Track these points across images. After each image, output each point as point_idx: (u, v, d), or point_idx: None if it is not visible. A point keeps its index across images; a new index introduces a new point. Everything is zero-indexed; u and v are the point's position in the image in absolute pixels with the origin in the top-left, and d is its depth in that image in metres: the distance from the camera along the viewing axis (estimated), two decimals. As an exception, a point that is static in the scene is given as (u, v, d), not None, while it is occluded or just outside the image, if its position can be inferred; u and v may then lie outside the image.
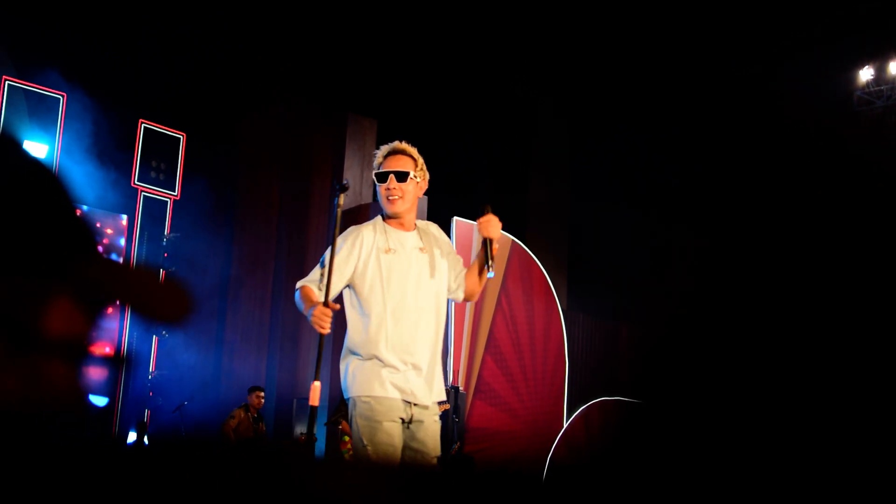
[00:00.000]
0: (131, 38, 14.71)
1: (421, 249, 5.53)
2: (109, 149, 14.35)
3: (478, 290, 5.70)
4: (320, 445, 12.26)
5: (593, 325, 17.80)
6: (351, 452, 10.62)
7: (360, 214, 15.95)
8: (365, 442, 5.11)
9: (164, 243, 15.08)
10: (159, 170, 15.43)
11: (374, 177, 5.49)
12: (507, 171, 17.86)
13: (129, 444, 12.83)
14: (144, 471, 1.53)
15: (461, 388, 13.31)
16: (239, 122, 16.75)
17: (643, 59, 15.78)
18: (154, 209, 15.36)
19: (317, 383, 5.83)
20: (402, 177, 5.45)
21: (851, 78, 17.41)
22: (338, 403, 11.02)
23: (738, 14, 14.72)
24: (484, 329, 14.42)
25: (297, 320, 16.17)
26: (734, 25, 14.92)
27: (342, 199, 5.94)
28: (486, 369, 14.34)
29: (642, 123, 16.77)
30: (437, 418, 5.36)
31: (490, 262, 5.39)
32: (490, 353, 14.41)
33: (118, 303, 1.66)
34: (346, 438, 10.69)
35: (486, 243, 5.43)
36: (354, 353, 5.39)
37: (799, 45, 15.03)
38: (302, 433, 10.39)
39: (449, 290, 5.60)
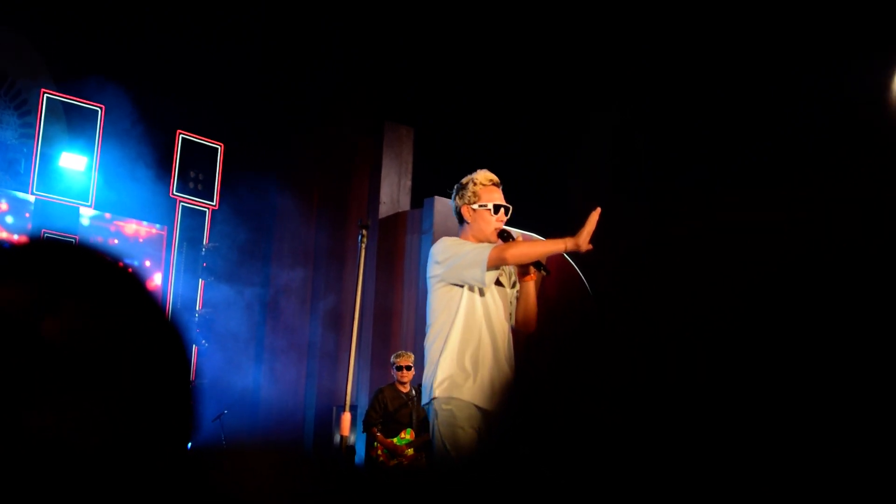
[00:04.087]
0: (168, 49, 14.79)
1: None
2: (147, 160, 14.44)
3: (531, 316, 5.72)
4: (360, 453, 12.28)
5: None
6: (382, 458, 10.70)
7: (397, 223, 15.96)
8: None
9: (203, 253, 15.15)
10: (197, 180, 15.50)
11: (490, 206, 5.61)
12: (548, 179, 17.78)
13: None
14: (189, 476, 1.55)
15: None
16: (277, 132, 16.83)
17: (684, 76, 15.69)
18: (193, 219, 15.43)
19: (347, 415, 6.01)
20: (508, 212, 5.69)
21: (887, 80, 17.25)
22: (368, 409, 11.09)
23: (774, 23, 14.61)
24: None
25: (337, 327, 16.20)
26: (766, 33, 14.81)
27: (365, 239, 6.18)
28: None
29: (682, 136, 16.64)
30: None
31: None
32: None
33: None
34: (376, 444, 10.77)
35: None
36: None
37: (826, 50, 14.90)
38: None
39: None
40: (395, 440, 10.69)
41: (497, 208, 5.59)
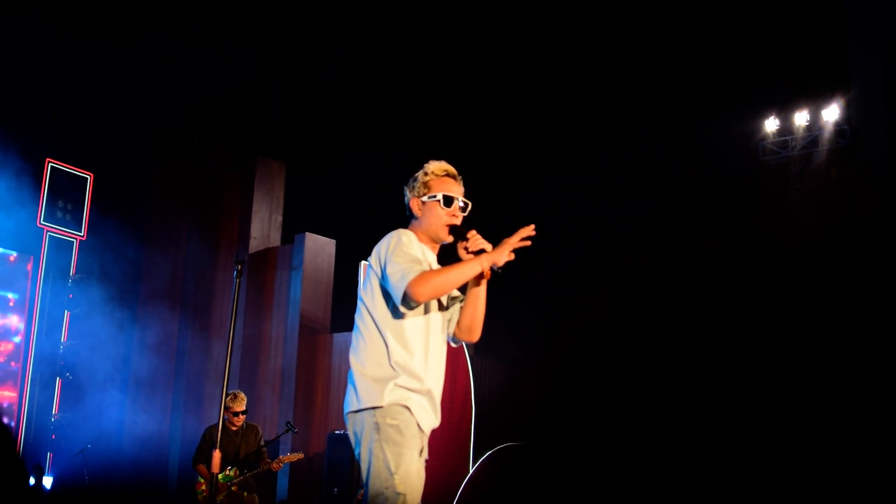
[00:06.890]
0: (39, 76, 14.61)
1: None
2: (16, 188, 14.20)
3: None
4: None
5: (500, 369, 17.73)
6: (205, 494, 10.59)
7: (268, 258, 15.94)
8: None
9: (70, 284, 14.94)
10: (66, 210, 15.29)
11: (440, 197, 4.89)
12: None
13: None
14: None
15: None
16: (148, 163, 16.69)
17: (550, 102, 15.95)
18: (60, 250, 15.20)
19: (217, 452, 5.87)
20: (466, 208, 4.97)
21: (757, 128, 17.76)
22: (197, 447, 11.02)
23: (643, 59, 14.97)
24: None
25: (204, 362, 16.07)
26: (641, 72, 15.16)
27: (240, 275, 5.99)
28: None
29: (554, 169, 16.90)
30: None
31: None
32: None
33: None
34: (202, 480, 10.68)
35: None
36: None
37: (705, 96, 15.32)
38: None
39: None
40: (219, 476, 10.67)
41: (448, 200, 4.87)
